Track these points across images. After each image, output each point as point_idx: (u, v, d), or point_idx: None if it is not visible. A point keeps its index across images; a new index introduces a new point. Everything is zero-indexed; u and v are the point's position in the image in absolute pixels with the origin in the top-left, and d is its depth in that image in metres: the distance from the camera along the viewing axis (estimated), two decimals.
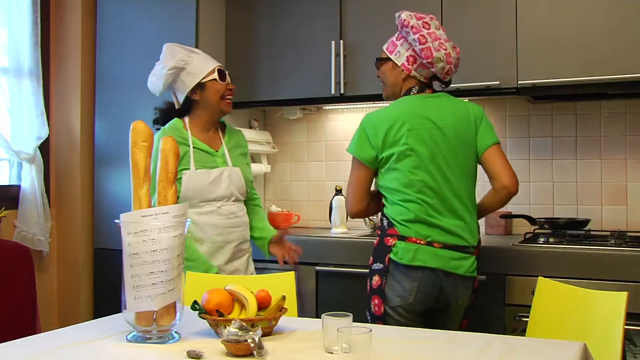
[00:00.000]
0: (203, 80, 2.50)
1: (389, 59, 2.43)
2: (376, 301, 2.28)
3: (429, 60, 2.31)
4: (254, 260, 2.73)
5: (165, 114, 2.62)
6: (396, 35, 2.43)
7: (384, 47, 2.46)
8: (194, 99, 2.54)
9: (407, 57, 2.37)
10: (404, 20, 2.34)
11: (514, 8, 2.94)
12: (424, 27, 2.33)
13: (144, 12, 3.47)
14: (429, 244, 2.25)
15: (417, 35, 2.31)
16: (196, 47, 3.32)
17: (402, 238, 2.27)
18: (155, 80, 2.54)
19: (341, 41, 3.30)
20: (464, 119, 2.37)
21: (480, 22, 3.02)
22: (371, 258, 2.35)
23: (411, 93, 2.39)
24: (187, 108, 2.57)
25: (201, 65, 2.52)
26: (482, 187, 2.50)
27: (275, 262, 2.68)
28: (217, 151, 2.57)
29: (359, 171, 2.39)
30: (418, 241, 2.25)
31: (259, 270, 3.01)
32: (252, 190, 2.71)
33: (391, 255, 2.26)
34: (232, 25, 3.59)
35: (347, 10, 3.31)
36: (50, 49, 3.60)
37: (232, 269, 2.57)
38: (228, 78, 2.56)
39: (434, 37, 2.32)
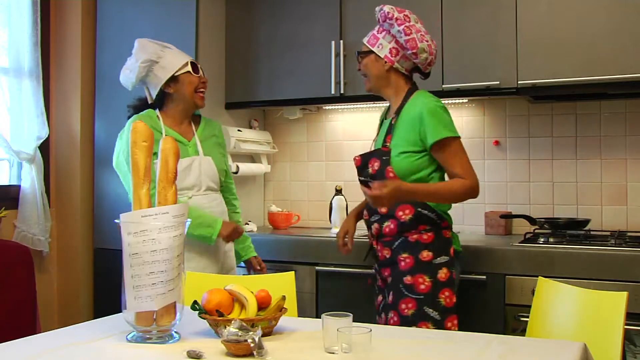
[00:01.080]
0: (177, 74, 2.52)
1: (371, 51, 2.44)
2: (447, 293, 2.31)
3: (414, 51, 2.36)
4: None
5: (138, 110, 2.62)
6: (377, 28, 2.46)
7: (365, 40, 2.48)
8: (167, 92, 2.54)
9: (390, 49, 2.40)
10: (388, 12, 2.38)
11: (514, 8, 2.94)
12: (405, 19, 2.38)
13: (144, 12, 3.47)
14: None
15: (402, 27, 2.35)
16: (196, 47, 3.33)
17: (451, 228, 2.43)
18: (129, 74, 2.55)
19: (341, 41, 3.30)
20: None
21: (480, 22, 3.02)
22: (427, 254, 2.32)
23: (418, 88, 2.47)
24: (160, 101, 2.58)
25: (174, 59, 2.54)
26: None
27: (274, 262, 2.68)
28: (189, 141, 2.57)
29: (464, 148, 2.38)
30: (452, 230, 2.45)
31: (259, 271, 3.00)
32: (228, 179, 2.72)
33: (455, 246, 2.40)
34: (232, 25, 3.59)
35: (347, 10, 3.31)
36: (50, 49, 3.60)
37: None
38: (201, 72, 2.57)
39: (416, 29, 2.38)
